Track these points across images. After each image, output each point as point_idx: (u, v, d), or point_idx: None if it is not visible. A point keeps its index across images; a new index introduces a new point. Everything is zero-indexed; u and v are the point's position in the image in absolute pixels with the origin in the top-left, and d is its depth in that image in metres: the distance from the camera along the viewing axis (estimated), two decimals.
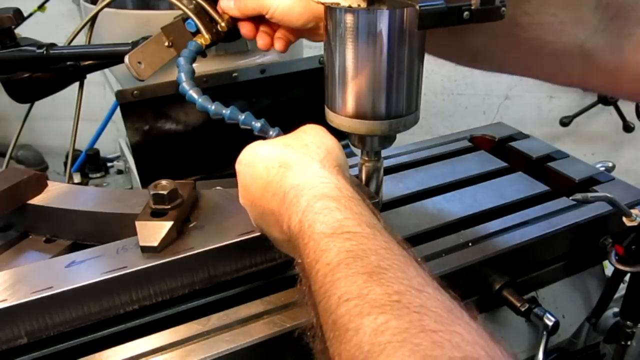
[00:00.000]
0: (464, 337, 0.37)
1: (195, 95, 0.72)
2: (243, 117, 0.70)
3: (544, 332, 0.77)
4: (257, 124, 0.69)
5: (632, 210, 0.80)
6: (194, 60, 0.78)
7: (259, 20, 0.78)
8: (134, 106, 0.97)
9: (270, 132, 0.69)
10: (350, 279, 0.42)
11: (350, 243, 0.45)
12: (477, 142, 1.11)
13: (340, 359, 0.40)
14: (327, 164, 0.56)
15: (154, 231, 0.64)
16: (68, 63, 0.95)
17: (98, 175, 1.55)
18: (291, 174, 0.54)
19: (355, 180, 0.73)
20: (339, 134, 0.67)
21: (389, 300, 0.40)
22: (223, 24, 0.82)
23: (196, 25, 0.83)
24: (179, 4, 0.84)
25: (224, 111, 0.70)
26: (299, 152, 0.57)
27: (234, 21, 0.81)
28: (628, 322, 0.89)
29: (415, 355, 0.35)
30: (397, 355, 0.36)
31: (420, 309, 0.39)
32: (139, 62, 0.84)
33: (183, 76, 0.73)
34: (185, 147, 1.05)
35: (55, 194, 0.78)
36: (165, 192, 0.66)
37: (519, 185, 0.93)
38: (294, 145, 0.59)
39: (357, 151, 0.73)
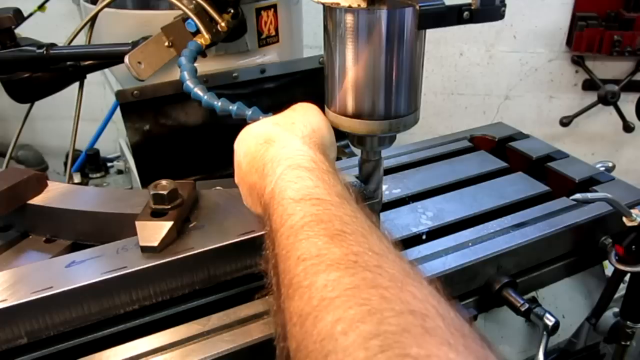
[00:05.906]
0: (415, 295, 0.37)
1: (200, 93, 0.72)
2: (250, 112, 0.70)
3: (544, 332, 0.77)
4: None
5: (632, 210, 0.80)
6: (194, 59, 0.78)
7: None
8: (134, 106, 0.97)
9: None
10: (311, 241, 0.43)
11: (317, 208, 0.46)
12: (477, 142, 1.11)
13: (291, 315, 0.40)
14: (309, 141, 0.58)
15: (154, 231, 0.64)
16: (68, 63, 0.95)
17: (98, 175, 1.56)
18: (273, 149, 0.57)
19: (353, 181, 0.73)
20: (339, 134, 0.67)
21: (345, 259, 0.40)
22: (223, 24, 0.83)
23: (196, 25, 0.83)
24: (179, 4, 0.84)
25: (230, 107, 0.70)
26: (284, 129, 0.59)
27: (234, 21, 0.81)
28: (628, 322, 0.89)
29: (361, 307, 0.36)
30: (342, 307, 0.36)
31: (376, 269, 0.39)
32: (139, 62, 0.84)
33: (186, 74, 0.73)
34: (185, 147, 1.05)
35: (55, 194, 0.78)
36: (165, 192, 0.66)
37: (519, 186, 0.93)
38: (282, 123, 0.61)
39: (357, 151, 0.73)
